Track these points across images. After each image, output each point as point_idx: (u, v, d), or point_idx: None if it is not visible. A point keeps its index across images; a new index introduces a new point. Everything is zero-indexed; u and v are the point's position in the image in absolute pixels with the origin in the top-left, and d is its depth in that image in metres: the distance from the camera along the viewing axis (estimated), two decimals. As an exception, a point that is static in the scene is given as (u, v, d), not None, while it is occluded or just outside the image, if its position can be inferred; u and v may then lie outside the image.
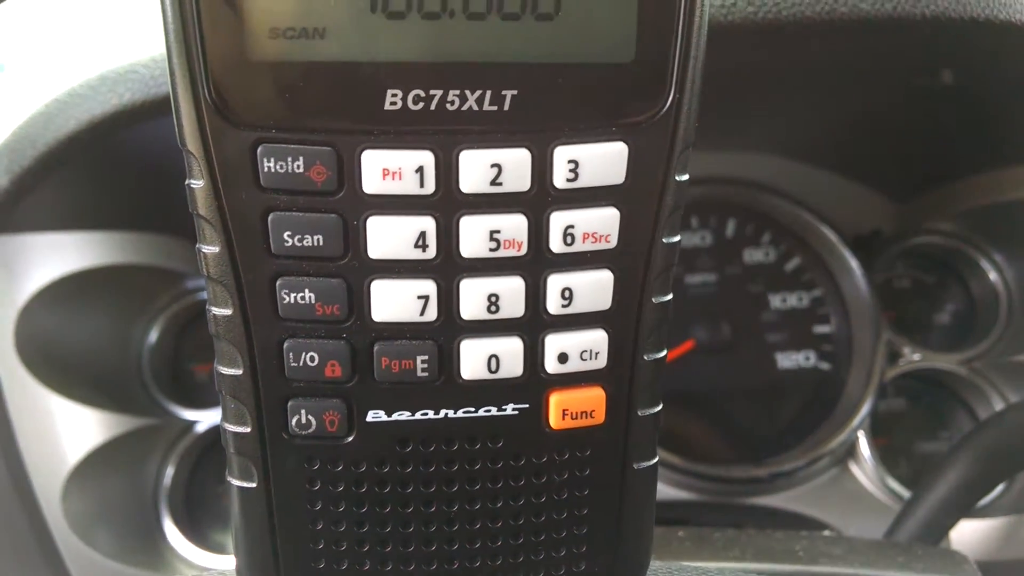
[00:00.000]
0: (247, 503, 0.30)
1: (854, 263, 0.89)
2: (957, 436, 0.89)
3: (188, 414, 0.84)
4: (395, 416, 0.29)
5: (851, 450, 0.86)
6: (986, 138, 0.81)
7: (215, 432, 0.84)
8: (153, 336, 0.85)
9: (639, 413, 0.31)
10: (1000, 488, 0.83)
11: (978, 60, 0.67)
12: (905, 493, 0.83)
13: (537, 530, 0.31)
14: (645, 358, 0.30)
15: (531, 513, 0.31)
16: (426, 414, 0.29)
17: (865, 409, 0.86)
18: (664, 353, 0.31)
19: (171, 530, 0.81)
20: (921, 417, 0.93)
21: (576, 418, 0.30)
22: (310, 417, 0.29)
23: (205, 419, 0.84)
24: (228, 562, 0.80)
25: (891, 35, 0.57)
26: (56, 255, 0.74)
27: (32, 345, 0.72)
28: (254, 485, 0.30)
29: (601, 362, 0.30)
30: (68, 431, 0.74)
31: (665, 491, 0.84)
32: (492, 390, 0.29)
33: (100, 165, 0.68)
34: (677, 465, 0.83)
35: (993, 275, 0.89)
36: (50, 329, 0.75)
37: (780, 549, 0.56)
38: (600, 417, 0.30)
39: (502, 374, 0.29)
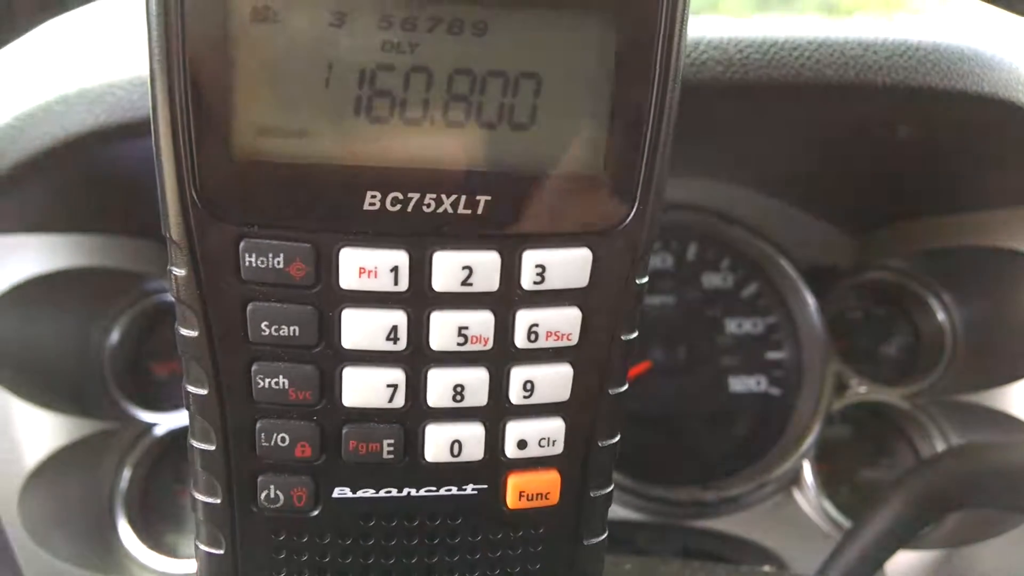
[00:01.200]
0: (214, 568, 0.32)
1: (808, 294, 0.91)
2: (899, 466, 0.93)
3: (147, 416, 0.84)
4: (360, 493, 0.31)
5: (795, 477, 0.89)
6: (941, 184, 0.84)
7: (173, 436, 0.84)
8: (114, 337, 0.85)
9: (591, 494, 0.33)
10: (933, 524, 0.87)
11: (934, 118, 0.69)
12: (845, 521, 0.86)
13: (490, 599, 0.33)
14: (600, 444, 0.32)
15: (485, 585, 0.33)
16: (390, 492, 0.31)
17: (812, 437, 0.89)
18: (617, 439, 0.33)
19: (126, 533, 0.81)
20: (865, 446, 0.96)
21: (532, 499, 0.32)
22: (278, 492, 0.30)
23: (164, 422, 0.85)
24: (181, 566, 0.81)
25: (853, 97, 0.59)
26: (19, 257, 0.74)
27: (-7, 348, 0.72)
28: (222, 552, 0.31)
29: (558, 448, 0.31)
30: (26, 434, 0.74)
31: (614, 511, 0.85)
32: (454, 471, 0.31)
33: (69, 175, 0.68)
34: (627, 486, 0.85)
35: (941, 315, 0.92)
36: (11, 332, 0.75)
37: (722, 585, 0.58)
38: (554, 498, 0.32)
39: (464, 457, 0.31)
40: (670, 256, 0.96)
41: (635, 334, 0.31)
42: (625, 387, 0.32)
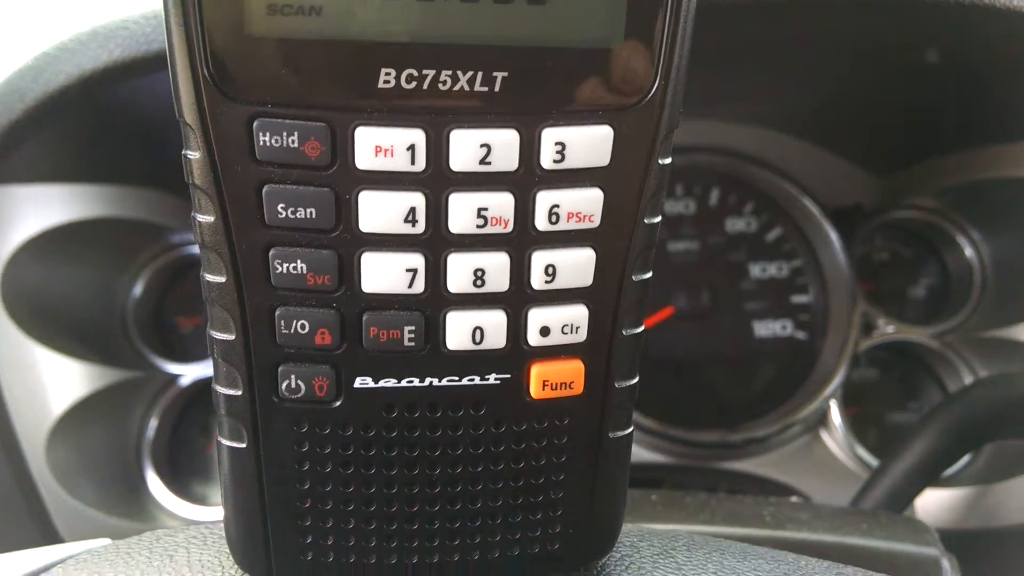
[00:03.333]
0: (236, 463, 0.31)
1: (834, 235, 0.90)
2: (926, 407, 0.92)
3: (172, 367, 0.85)
4: (382, 383, 0.30)
5: (823, 418, 0.89)
6: (969, 115, 0.82)
7: (198, 385, 0.85)
8: (138, 289, 0.86)
9: (616, 385, 0.32)
10: (964, 460, 0.86)
11: (964, 40, 0.68)
12: (873, 462, 0.85)
13: (515, 494, 0.33)
14: (624, 333, 0.31)
15: (510, 477, 0.32)
16: (411, 382, 0.31)
17: (838, 378, 0.88)
18: (642, 329, 0.32)
19: (154, 481, 0.82)
20: (892, 388, 0.95)
21: (556, 389, 0.31)
22: (300, 382, 0.30)
23: (189, 373, 0.85)
24: (210, 513, 0.81)
25: (881, 14, 0.58)
26: (43, 207, 0.75)
27: (17, 296, 0.73)
28: (244, 446, 0.31)
29: (581, 336, 0.31)
30: (53, 382, 0.75)
31: (639, 454, 0.86)
32: (476, 360, 0.31)
33: (88, 119, 0.68)
34: (652, 428, 0.85)
35: (969, 251, 0.91)
36: (36, 281, 0.75)
37: (748, 514, 0.58)
38: (579, 388, 0.31)
39: (486, 345, 0.30)
40: (692, 201, 0.95)
41: (659, 219, 0.31)
42: (650, 274, 0.31)
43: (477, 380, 0.31)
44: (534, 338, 0.31)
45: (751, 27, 0.62)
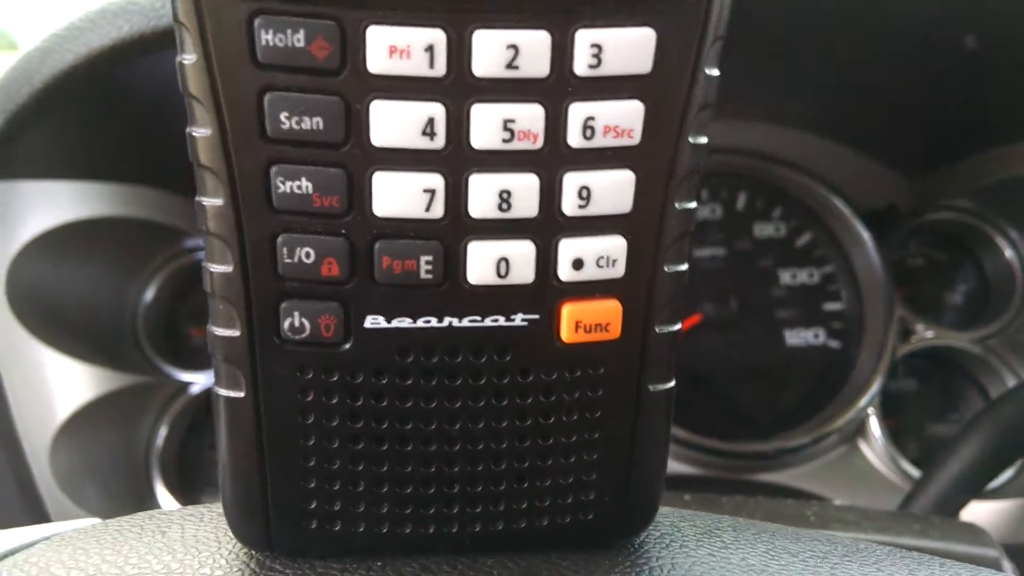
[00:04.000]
0: (233, 415, 0.28)
1: (867, 238, 0.87)
2: (969, 418, 0.87)
3: (183, 375, 0.82)
4: (395, 323, 0.27)
5: (860, 429, 0.85)
6: (1007, 109, 0.79)
7: (209, 395, 0.82)
8: (149, 295, 0.83)
9: (657, 330, 0.29)
10: (1014, 469, 0.81)
11: (1007, 24, 0.65)
12: (916, 473, 0.81)
13: (544, 454, 0.29)
14: (666, 269, 0.28)
15: (538, 435, 0.29)
16: (429, 322, 0.27)
17: (875, 387, 0.84)
18: (686, 267, 0.29)
19: (162, 492, 0.79)
20: (932, 398, 0.91)
21: (590, 331, 0.28)
22: (304, 320, 0.27)
23: (200, 381, 0.82)
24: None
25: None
26: (52, 203, 0.72)
27: (23, 295, 0.70)
28: (242, 395, 0.28)
29: (618, 271, 0.28)
30: (58, 385, 0.72)
31: (669, 465, 0.82)
32: (500, 298, 0.27)
33: (98, 107, 0.66)
34: (681, 438, 0.81)
35: (1008, 252, 0.87)
36: (43, 280, 0.73)
37: (790, 514, 0.54)
38: (616, 332, 0.28)
39: (512, 279, 0.27)
40: (719, 206, 0.92)
41: (705, 139, 0.28)
42: (696, 204, 0.28)
43: (502, 321, 0.28)
44: (566, 272, 0.27)
45: (792, 9, 0.59)
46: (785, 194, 0.90)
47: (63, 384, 0.72)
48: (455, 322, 0.27)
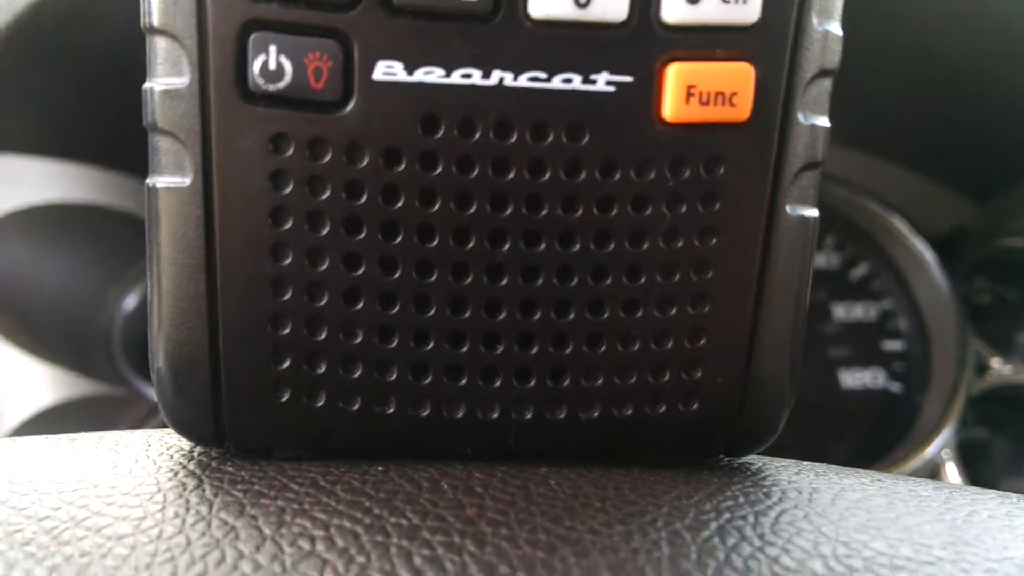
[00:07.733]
0: (173, 215, 0.19)
1: (932, 261, 0.78)
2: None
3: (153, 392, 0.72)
4: (419, 75, 0.18)
5: (933, 478, 0.74)
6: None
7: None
8: (131, 303, 0.74)
9: (800, 118, 0.20)
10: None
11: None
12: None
13: (632, 299, 0.20)
14: (820, 28, 0.19)
15: (623, 270, 0.19)
16: (469, 76, 0.18)
17: (947, 431, 0.74)
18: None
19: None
20: (1004, 448, 0.80)
21: (706, 104, 0.19)
22: (283, 60, 0.18)
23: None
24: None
25: None
26: (20, 182, 0.64)
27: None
28: (186, 182, 0.19)
29: (752, 12, 0.19)
30: (14, 384, 0.63)
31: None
32: (577, 45, 0.18)
33: (69, 75, 0.59)
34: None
35: (1094, 280, 0.78)
36: (7, 266, 0.64)
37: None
38: (744, 110, 0.19)
39: (594, 14, 0.18)
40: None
41: None
42: None
43: (577, 83, 0.19)
44: (675, 10, 0.18)
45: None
46: (838, 216, 0.82)
47: (19, 384, 0.63)
48: (508, 79, 0.18)
